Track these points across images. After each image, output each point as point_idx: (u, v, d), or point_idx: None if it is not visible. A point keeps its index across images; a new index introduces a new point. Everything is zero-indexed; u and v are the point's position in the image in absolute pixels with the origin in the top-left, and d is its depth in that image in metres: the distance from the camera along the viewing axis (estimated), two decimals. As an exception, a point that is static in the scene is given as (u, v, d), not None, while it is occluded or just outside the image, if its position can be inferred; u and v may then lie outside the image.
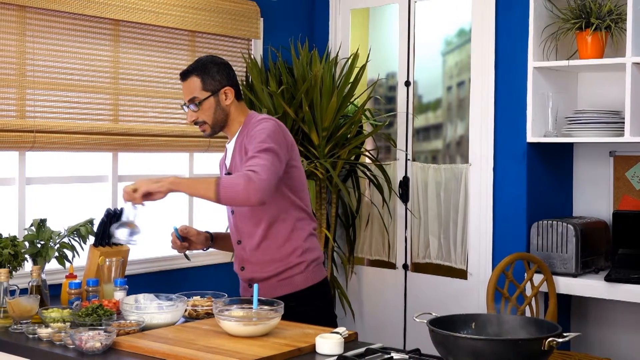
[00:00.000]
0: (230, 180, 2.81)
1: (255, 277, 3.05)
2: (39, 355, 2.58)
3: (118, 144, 3.99)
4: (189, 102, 3.07)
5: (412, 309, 4.75)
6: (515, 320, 2.36)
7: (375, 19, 5.18)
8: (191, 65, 3.11)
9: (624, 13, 4.00)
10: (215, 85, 3.06)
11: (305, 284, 3.06)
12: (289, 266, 3.04)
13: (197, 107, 3.05)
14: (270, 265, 3.04)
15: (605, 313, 4.45)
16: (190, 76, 3.07)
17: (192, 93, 3.06)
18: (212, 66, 3.08)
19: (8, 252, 3.05)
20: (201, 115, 3.07)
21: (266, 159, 2.85)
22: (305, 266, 3.05)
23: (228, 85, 3.08)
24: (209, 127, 3.10)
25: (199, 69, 3.07)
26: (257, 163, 2.83)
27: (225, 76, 3.09)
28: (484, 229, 4.47)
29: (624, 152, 4.38)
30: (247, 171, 2.80)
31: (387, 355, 2.37)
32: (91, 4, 3.84)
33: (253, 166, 2.82)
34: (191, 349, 2.43)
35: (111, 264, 3.16)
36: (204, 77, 3.06)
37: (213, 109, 3.07)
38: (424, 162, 4.82)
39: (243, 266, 3.11)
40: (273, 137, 2.93)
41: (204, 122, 3.08)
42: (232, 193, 2.78)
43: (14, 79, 3.63)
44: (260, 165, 2.82)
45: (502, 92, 4.42)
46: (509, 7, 4.38)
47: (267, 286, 3.02)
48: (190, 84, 3.07)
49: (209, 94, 3.06)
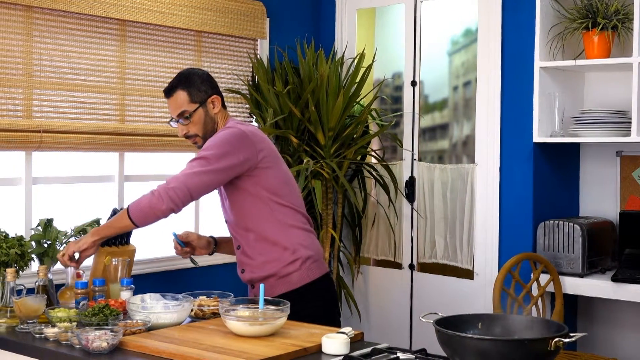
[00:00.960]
0: (137, 200, 2.93)
1: (254, 277, 3.10)
2: (46, 354, 2.59)
3: (124, 144, 4.00)
4: (178, 116, 3.08)
5: (418, 309, 4.75)
6: (522, 320, 2.36)
7: (382, 18, 5.18)
8: (173, 80, 3.11)
9: (631, 13, 3.99)
10: (202, 95, 3.08)
11: (302, 281, 3.06)
12: (283, 264, 3.05)
13: (187, 120, 3.07)
14: (266, 266, 3.06)
15: (611, 313, 4.44)
16: (175, 91, 3.08)
17: (180, 107, 3.07)
18: (195, 77, 3.09)
19: (15, 251, 3.05)
20: (192, 128, 3.09)
21: (190, 166, 2.94)
22: (301, 263, 3.06)
23: (214, 94, 3.11)
24: (200, 139, 3.11)
25: (183, 82, 3.08)
26: (177, 173, 2.94)
27: (210, 85, 3.11)
28: (490, 229, 4.47)
29: (630, 152, 4.37)
30: (160, 186, 2.92)
31: (393, 355, 2.37)
32: (97, 4, 3.85)
33: (169, 177, 2.94)
34: (197, 349, 2.44)
35: (117, 264, 3.17)
36: (190, 90, 3.07)
37: (203, 120, 3.08)
38: (430, 162, 4.82)
39: (243, 269, 3.14)
40: (220, 145, 2.96)
41: (195, 134, 3.10)
42: (140, 212, 2.92)
43: (21, 79, 3.63)
44: (175, 176, 2.93)
45: (508, 92, 4.41)
46: (515, 7, 4.37)
47: (267, 286, 3.01)
48: (177, 98, 3.07)
49: (197, 106, 3.07)
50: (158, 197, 2.88)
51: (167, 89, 3.10)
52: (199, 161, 2.93)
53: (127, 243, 3.42)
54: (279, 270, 3.05)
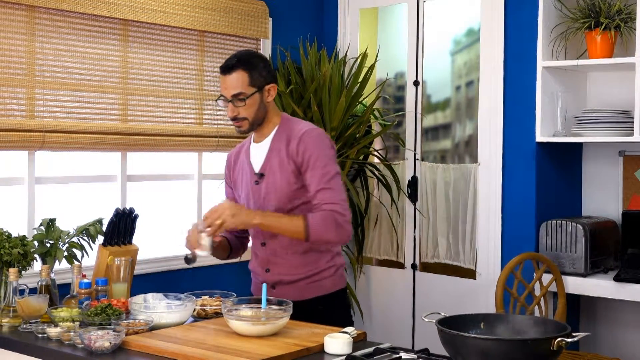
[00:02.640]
0: (320, 224, 2.84)
1: (283, 279, 3.00)
2: (48, 354, 2.59)
3: (127, 143, 4.00)
4: (233, 97, 2.93)
5: (420, 309, 4.75)
6: (524, 320, 2.36)
7: (384, 18, 5.18)
8: (234, 58, 2.96)
9: (634, 12, 3.99)
10: (262, 81, 2.96)
11: (334, 287, 3.04)
12: (319, 270, 3.00)
13: (241, 102, 2.93)
14: (300, 268, 2.99)
15: (614, 313, 4.44)
16: (236, 70, 2.93)
17: (237, 88, 2.93)
18: (258, 61, 2.98)
19: (17, 251, 3.05)
20: (243, 112, 2.95)
21: (339, 189, 2.90)
22: (335, 270, 3.04)
23: (273, 82, 3.00)
24: (247, 124, 2.98)
25: (245, 62, 2.94)
26: (335, 199, 2.87)
27: (270, 72, 3.00)
28: (493, 229, 4.47)
29: (633, 151, 4.37)
30: (331, 211, 2.84)
31: (395, 355, 2.37)
32: (100, 4, 3.85)
33: (334, 204, 2.86)
34: (200, 349, 2.44)
35: (120, 264, 3.17)
36: (252, 72, 2.94)
37: (257, 105, 2.96)
38: (432, 161, 4.81)
39: (268, 268, 3.03)
40: (330, 155, 2.94)
41: (244, 118, 2.96)
42: (323, 238, 2.86)
43: (24, 79, 3.64)
44: (340, 203, 2.87)
45: (511, 91, 4.41)
46: (518, 7, 4.37)
47: (295, 289, 2.98)
48: (236, 78, 2.93)
49: (255, 90, 2.94)
50: (346, 235, 2.88)
51: (228, 66, 2.94)
52: (336, 180, 2.90)
53: (130, 243, 3.42)
54: (312, 274, 2.99)
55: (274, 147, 2.99)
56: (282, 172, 2.95)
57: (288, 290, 2.97)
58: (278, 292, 2.97)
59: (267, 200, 2.98)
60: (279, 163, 2.96)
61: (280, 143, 2.98)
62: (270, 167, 2.98)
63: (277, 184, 2.96)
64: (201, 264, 4.41)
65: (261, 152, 3.04)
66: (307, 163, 2.91)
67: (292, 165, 2.93)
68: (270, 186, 2.97)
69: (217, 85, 4.47)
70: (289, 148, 2.95)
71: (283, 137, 2.98)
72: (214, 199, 4.55)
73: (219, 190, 4.53)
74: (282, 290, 2.98)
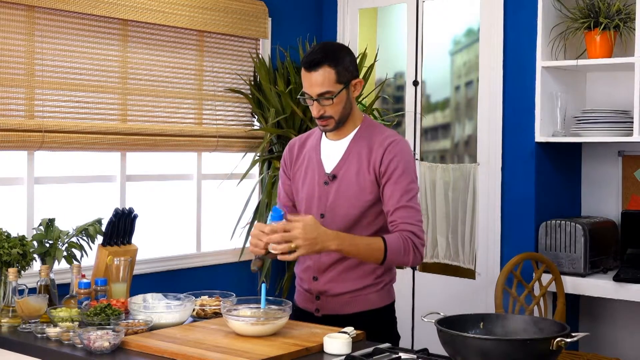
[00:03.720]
0: (398, 250, 2.66)
1: (329, 290, 2.85)
2: (48, 354, 2.59)
3: (126, 143, 4.00)
4: (319, 95, 2.73)
5: (420, 309, 4.75)
6: (524, 320, 2.36)
7: (384, 18, 5.18)
8: (320, 52, 2.73)
9: (633, 12, 3.99)
10: (348, 76, 2.75)
11: (381, 303, 2.88)
12: (367, 284, 2.84)
13: (329, 101, 2.73)
14: (349, 282, 2.83)
15: (613, 313, 4.44)
16: (322, 66, 2.71)
17: (325, 86, 2.71)
18: (344, 55, 2.76)
19: (17, 251, 3.05)
20: (330, 110, 2.75)
21: (418, 209, 2.74)
22: (383, 285, 2.87)
23: (358, 77, 2.82)
24: (333, 122, 2.78)
25: (331, 57, 2.72)
26: (414, 219, 2.71)
27: (356, 66, 2.80)
28: (492, 229, 4.47)
29: (632, 151, 4.37)
30: (409, 232, 2.68)
31: (395, 355, 2.37)
32: (99, 4, 3.85)
33: (413, 225, 2.69)
34: (199, 349, 2.43)
35: (119, 264, 3.17)
36: (338, 68, 2.72)
37: (343, 102, 2.76)
38: (432, 161, 4.82)
39: (316, 276, 2.87)
40: (415, 171, 2.79)
41: (330, 116, 2.76)
42: (397, 262, 2.71)
43: (23, 79, 3.64)
44: (418, 224, 2.71)
45: (510, 91, 4.41)
46: (517, 7, 4.37)
47: (339, 302, 2.84)
48: (322, 75, 2.71)
49: (342, 87, 2.74)
50: (420, 258, 2.71)
51: (312, 62, 2.71)
52: (416, 199, 2.75)
53: (129, 243, 3.42)
54: (360, 288, 2.84)
55: (353, 150, 2.82)
56: (359, 179, 2.78)
57: (332, 302, 2.85)
58: (321, 304, 2.87)
59: (335, 206, 2.81)
60: (357, 170, 2.79)
61: (360, 147, 2.81)
62: (346, 171, 2.81)
63: (350, 191, 2.79)
64: (200, 264, 4.42)
65: (336, 152, 2.85)
66: (389, 175, 2.74)
67: (372, 175, 2.77)
68: (343, 191, 2.80)
69: (216, 85, 4.47)
70: (372, 156, 2.77)
71: (364, 142, 2.81)
72: (213, 198, 4.56)
73: (218, 190, 4.54)
74: (325, 302, 2.86)
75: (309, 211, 2.86)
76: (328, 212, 2.82)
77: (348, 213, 2.79)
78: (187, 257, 4.36)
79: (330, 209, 2.82)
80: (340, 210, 2.80)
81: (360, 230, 2.80)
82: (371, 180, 2.77)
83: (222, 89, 4.51)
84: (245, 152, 4.59)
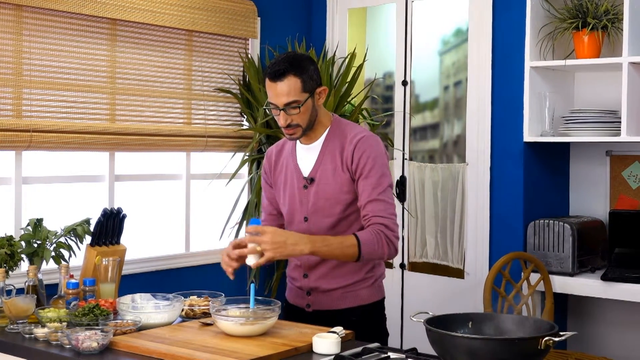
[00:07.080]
0: (371, 244, 2.70)
1: (320, 287, 2.90)
2: (36, 355, 2.58)
3: (115, 143, 3.99)
4: (286, 105, 2.75)
5: (409, 308, 4.75)
6: (512, 319, 2.36)
7: (373, 18, 5.19)
8: (284, 62, 2.75)
9: (621, 13, 4.00)
10: (313, 85, 2.79)
11: (371, 298, 2.92)
12: (357, 279, 2.89)
13: (296, 110, 2.76)
14: (340, 277, 2.88)
15: (601, 312, 4.45)
16: (286, 76, 2.73)
17: (291, 95, 2.74)
18: (308, 64, 2.79)
19: (4, 251, 3.04)
20: (297, 119, 2.78)
21: (391, 202, 2.77)
22: (373, 281, 2.93)
23: (322, 85, 2.86)
24: (300, 130, 2.82)
25: (296, 67, 2.75)
26: (386, 212, 2.74)
27: (319, 74, 2.84)
28: (481, 228, 4.48)
29: (620, 151, 4.39)
30: (380, 225, 2.72)
31: (384, 355, 2.37)
32: (88, 3, 3.83)
33: (384, 218, 2.73)
34: (188, 349, 2.43)
35: (108, 264, 3.16)
36: (304, 77, 2.76)
37: (310, 111, 2.80)
38: (421, 161, 4.82)
39: (307, 274, 2.92)
40: (386, 165, 2.83)
41: (297, 125, 2.80)
42: (373, 257, 2.73)
43: (11, 79, 3.62)
44: (391, 217, 2.75)
45: (499, 91, 4.42)
46: (506, 7, 4.38)
47: (330, 297, 2.89)
48: (287, 85, 2.74)
49: (307, 95, 2.78)
50: (395, 251, 2.75)
51: (277, 73, 2.73)
52: (388, 192, 2.78)
53: (118, 243, 3.41)
54: (350, 284, 2.89)
55: (327, 152, 2.86)
56: (336, 179, 2.83)
57: (323, 298, 2.89)
58: (312, 299, 2.91)
59: (317, 208, 2.86)
60: (333, 170, 2.83)
61: (332, 148, 2.85)
62: (323, 173, 2.86)
63: (329, 192, 2.84)
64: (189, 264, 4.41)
65: (310, 156, 2.90)
66: (361, 171, 2.79)
67: (346, 173, 2.81)
68: (322, 193, 2.85)
69: (205, 85, 4.47)
70: (344, 155, 2.82)
71: (336, 142, 2.86)
72: (202, 198, 4.55)
73: (207, 190, 4.53)
74: (316, 298, 2.91)
75: (293, 216, 2.93)
76: (311, 215, 2.88)
77: (331, 213, 2.85)
78: (176, 257, 4.36)
79: (312, 211, 2.88)
80: (322, 212, 2.86)
81: (346, 229, 2.85)
82: (347, 178, 2.83)
83: (211, 88, 4.51)
84: (234, 152, 4.59)
